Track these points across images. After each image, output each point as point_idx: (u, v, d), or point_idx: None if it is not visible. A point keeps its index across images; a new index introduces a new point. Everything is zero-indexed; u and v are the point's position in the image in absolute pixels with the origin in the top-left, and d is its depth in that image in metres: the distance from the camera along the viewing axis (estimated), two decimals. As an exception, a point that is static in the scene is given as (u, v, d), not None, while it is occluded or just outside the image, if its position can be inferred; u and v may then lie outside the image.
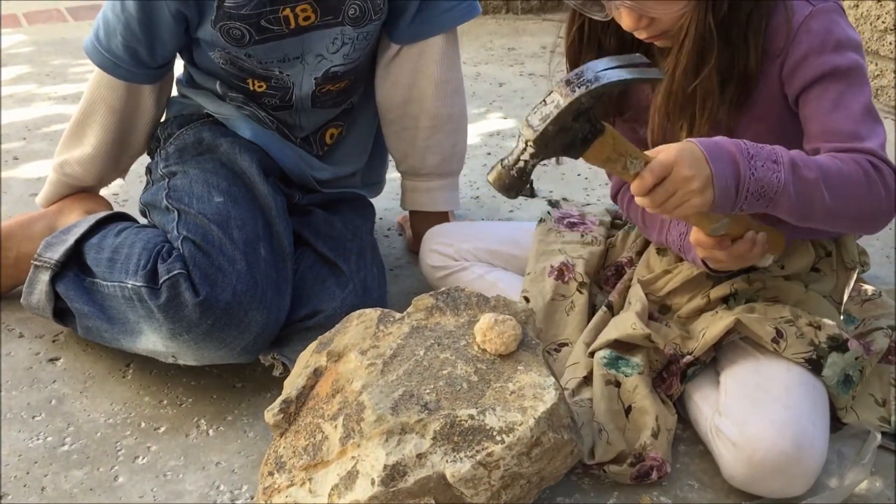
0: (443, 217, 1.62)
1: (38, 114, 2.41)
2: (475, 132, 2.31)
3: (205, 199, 1.30)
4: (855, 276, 1.31)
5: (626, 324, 1.22)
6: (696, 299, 1.26)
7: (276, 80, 1.41)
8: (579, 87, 0.93)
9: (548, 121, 0.94)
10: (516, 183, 0.98)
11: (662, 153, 1.00)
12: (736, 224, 1.10)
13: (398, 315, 1.14)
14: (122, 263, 1.27)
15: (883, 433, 1.19)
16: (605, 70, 0.94)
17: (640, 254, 1.37)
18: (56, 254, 1.35)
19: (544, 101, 0.95)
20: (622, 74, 0.95)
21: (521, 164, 0.97)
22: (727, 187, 0.99)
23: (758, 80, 1.13)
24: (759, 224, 1.14)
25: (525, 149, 0.96)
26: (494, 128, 2.36)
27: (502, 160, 0.99)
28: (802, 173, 1.02)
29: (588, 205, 1.55)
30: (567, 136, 0.96)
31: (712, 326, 1.20)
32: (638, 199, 1.02)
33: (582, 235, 1.41)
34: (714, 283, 1.26)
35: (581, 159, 1.02)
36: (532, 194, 1.97)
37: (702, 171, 0.98)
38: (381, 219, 1.82)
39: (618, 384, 1.19)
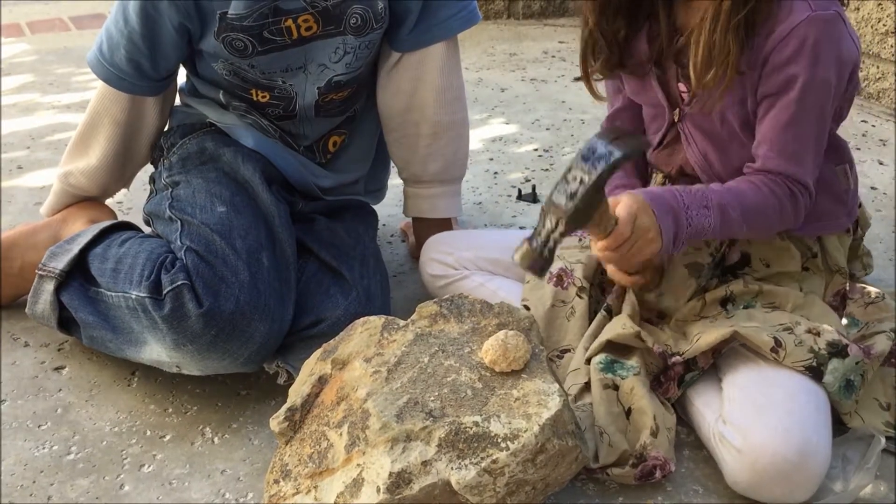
0: (445, 223, 1.62)
1: (41, 123, 2.41)
2: (477, 138, 2.31)
3: (207, 210, 1.31)
4: (843, 281, 1.32)
5: (617, 325, 1.24)
6: (691, 302, 1.27)
7: (280, 91, 1.41)
8: (599, 163, 0.97)
9: (577, 198, 0.97)
10: (547, 263, 1.02)
11: (623, 209, 1.09)
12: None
13: (402, 322, 1.14)
14: (126, 274, 1.28)
15: (887, 437, 1.19)
16: (611, 143, 0.99)
17: None
18: (60, 263, 1.36)
19: (565, 178, 0.98)
20: (628, 146, 1.00)
21: (552, 242, 1.00)
22: (670, 238, 1.13)
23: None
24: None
25: (556, 227, 0.99)
26: (497, 133, 2.37)
27: (529, 240, 1.01)
28: (728, 214, 1.16)
29: None
30: (591, 209, 1.01)
31: (707, 332, 1.20)
32: (603, 254, 1.12)
33: (580, 240, 1.41)
34: (698, 282, 1.28)
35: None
36: (534, 200, 1.97)
37: (654, 224, 1.11)
38: (384, 225, 1.82)
39: (616, 387, 1.19)
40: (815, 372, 1.15)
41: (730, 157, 1.24)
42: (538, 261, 1.01)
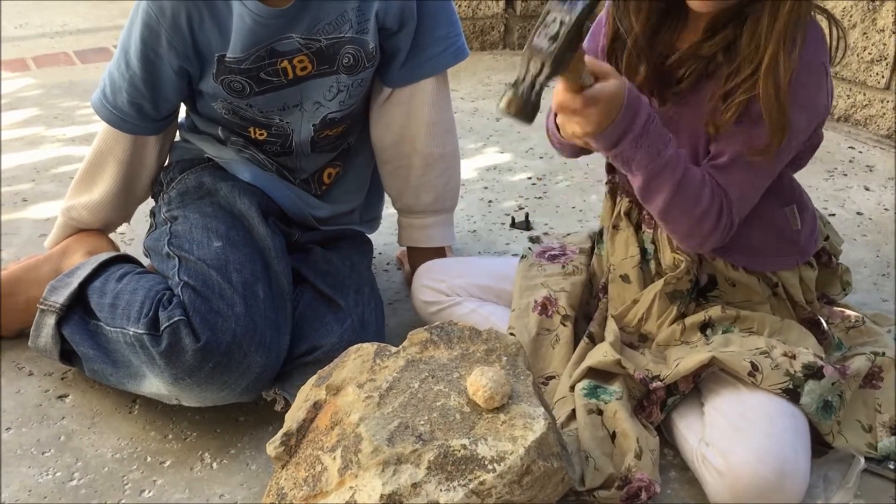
0: (440, 252, 1.65)
1: (46, 156, 2.44)
2: (472, 167, 2.35)
3: (204, 245, 1.34)
4: (807, 311, 1.33)
5: (599, 352, 1.26)
6: (671, 326, 1.30)
7: (277, 128, 1.46)
8: (576, 2, 0.95)
9: (559, 40, 0.95)
10: (535, 107, 1.00)
11: (602, 86, 1.07)
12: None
13: (394, 349, 1.17)
14: (124, 310, 1.31)
15: (867, 458, 1.22)
16: None
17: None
18: (61, 297, 1.39)
19: (545, 21, 0.97)
20: None
21: (538, 86, 0.98)
22: (608, 138, 1.12)
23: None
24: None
25: (540, 71, 0.97)
26: (491, 162, 2.41)
27: (514, 87, 1.00)
28: (665, 174, 1.15)
29: (569, 234, 1.56)
30: (571, 52, 0.98)
31: (687, 358, 1.23)
32: (562, 99, 1.08)
33: (563, 267, 1.44)
34: (678, 306, 1.30)
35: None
36: (528, 227, 2.01)
37: (608, 116, 1.09)
38: (380, 254, 1.86)
39: (600, 412, 1.22)
40: (792, 394, 1.18)
41: None
42: (526, 106, 0.99)
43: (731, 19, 1.15)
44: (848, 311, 1.41)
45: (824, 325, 1.34)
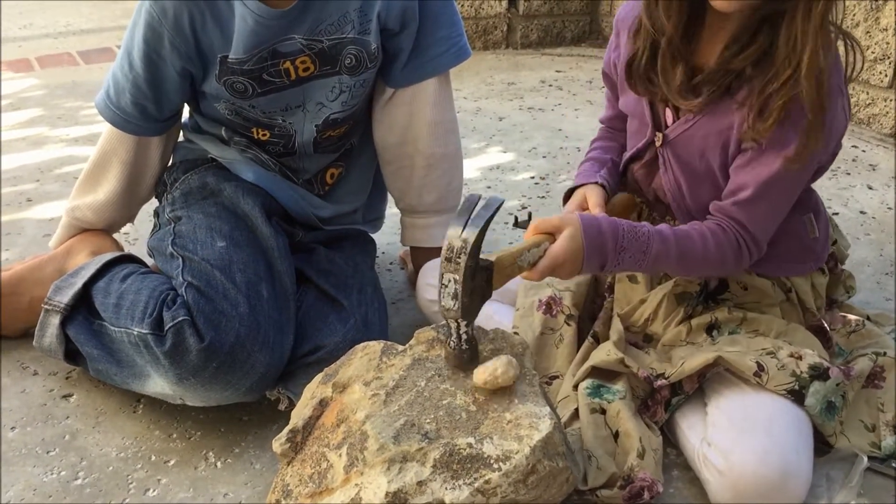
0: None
1: (50, 156, 2.45)
2: (475, 166, 2.36)
3: (208, 245, 1.35)
4: (816, 317, 1.34)
5: (602, 351, 1.27)
6: (677, 327, 1.30)
7: (279, 129, 1.46)
8: (459, 258, 1.05)
9: (459, 296, 1.06)
10: (472, 353, 1.11)
11: (555, 247, 1.13)
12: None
13: (400, 347, 1.18)
14: (128, 310, 1.31)
15: (870, 457, 1.22)
16: (464, 231, 1.06)
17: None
18: (65, 297, 1.40)
19: (443, 283, 1.07)
20: (478, 224, 1.07)
21: (465, 336, 1.09)
22: (588, 271, 1.18)
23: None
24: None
25: (459, 326, 1.09)
26: (494, 162, 2.41)
27: (447, 346, 1.11)
28: (660, 264, 1.19)
29: None
30: (479, 292, 1.08)
31: (692, 357, 1.23)
32: (526, 279, 1.15)
33: None
34: (686, 308, 1.30)
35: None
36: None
37: (577, 264, 1.15)
38: (383, 253, 1.86)
39: (603, 411, 1.22)
40: (797, 395, 1.18)
41: (701, 193, 1.26)
42: (462, 357, 1.10)
43: (757, 29, 1.13)
44: (850, 316, 1.41)
45: (830, 333, 1.34)
